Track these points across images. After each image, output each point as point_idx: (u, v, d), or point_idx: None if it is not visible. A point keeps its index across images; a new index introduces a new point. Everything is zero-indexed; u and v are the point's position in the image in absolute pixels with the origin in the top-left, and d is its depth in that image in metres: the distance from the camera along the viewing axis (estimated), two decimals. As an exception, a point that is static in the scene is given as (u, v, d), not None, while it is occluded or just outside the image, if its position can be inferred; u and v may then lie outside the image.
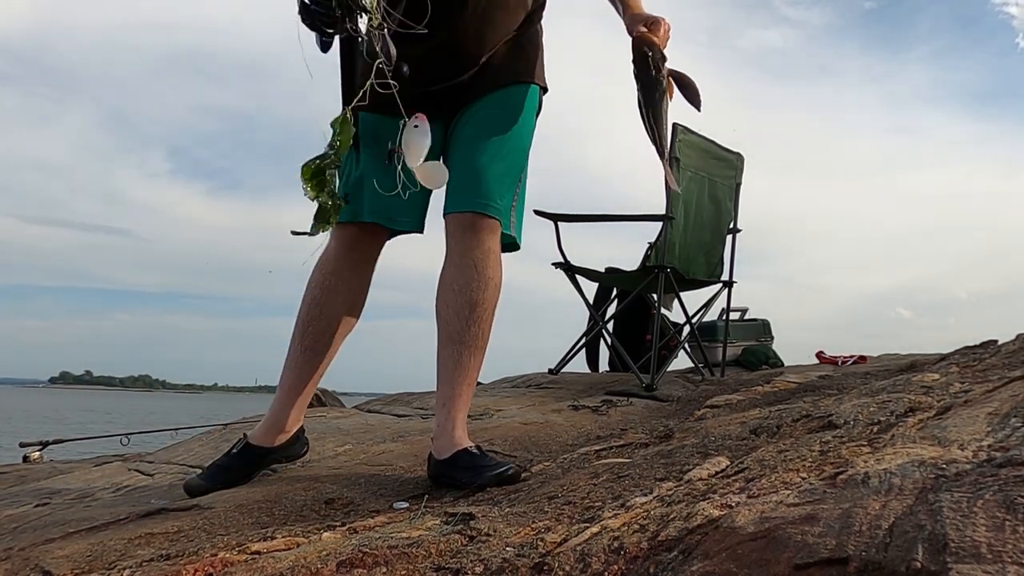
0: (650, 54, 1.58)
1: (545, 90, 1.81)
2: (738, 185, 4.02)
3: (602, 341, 4.54)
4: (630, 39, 1.63)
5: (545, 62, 1.81)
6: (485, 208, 1.67)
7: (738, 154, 4.03)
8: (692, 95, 1.67)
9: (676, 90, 1.64)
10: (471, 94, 1.70)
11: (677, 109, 1.67)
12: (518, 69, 1.73)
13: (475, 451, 1.61)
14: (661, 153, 1.65)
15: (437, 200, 1.76)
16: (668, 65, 1.61)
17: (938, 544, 0.58)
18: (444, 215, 1.71)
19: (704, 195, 3.76)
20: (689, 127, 3.71)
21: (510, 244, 1.77)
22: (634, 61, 1.60)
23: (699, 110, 1.69)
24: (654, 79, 1.58)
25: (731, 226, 3.98)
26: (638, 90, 1.63)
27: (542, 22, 1.81)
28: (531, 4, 1.75)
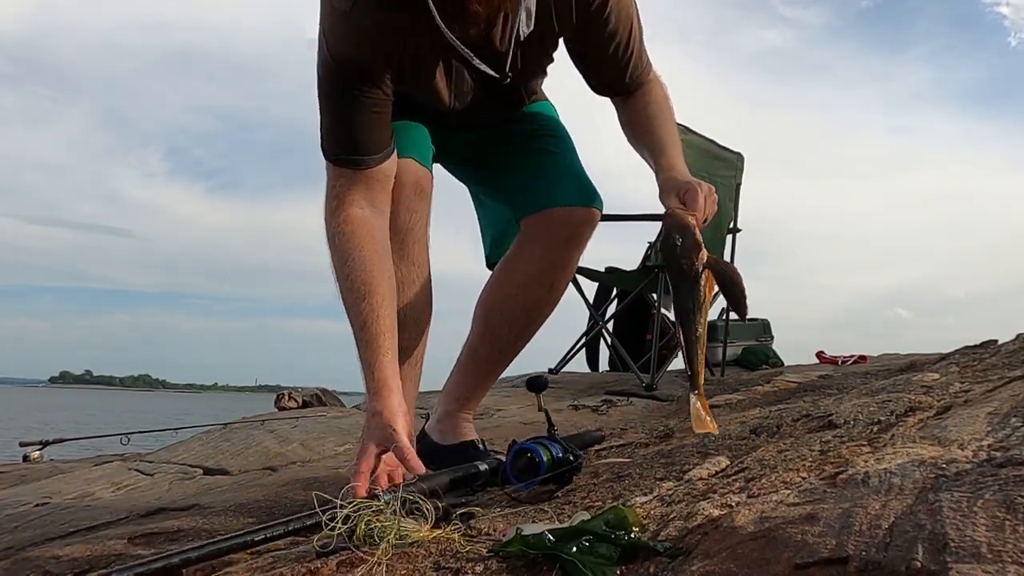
0: (679, 243, 1.17)
1: None
2: (738, 185, 4.02)
3: (602, 341, 4.53)
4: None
5: None
6: (595, 201, 1.56)
7: (738, 154, 4.03)
8: (736, 297, 1.23)
9: (716, 286, 1.22)
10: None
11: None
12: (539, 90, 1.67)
13: (480, 446, 1.60)
14: (692, 378, 1.20)
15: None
16: (705, 253, 1.19)
17: (938, 544, 0.58)
18: (535, 212, 1.54)
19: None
20: (688, 126, 3.70)
21: None
22: (661, 249, 1.22)
23: (742, 318, 1.27)
24: (686, 275, 1.18)
25: (731, 226, 3.98)
26: (669, 286, 1.25)
27: None
28: None
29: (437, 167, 1.56)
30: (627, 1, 1.38)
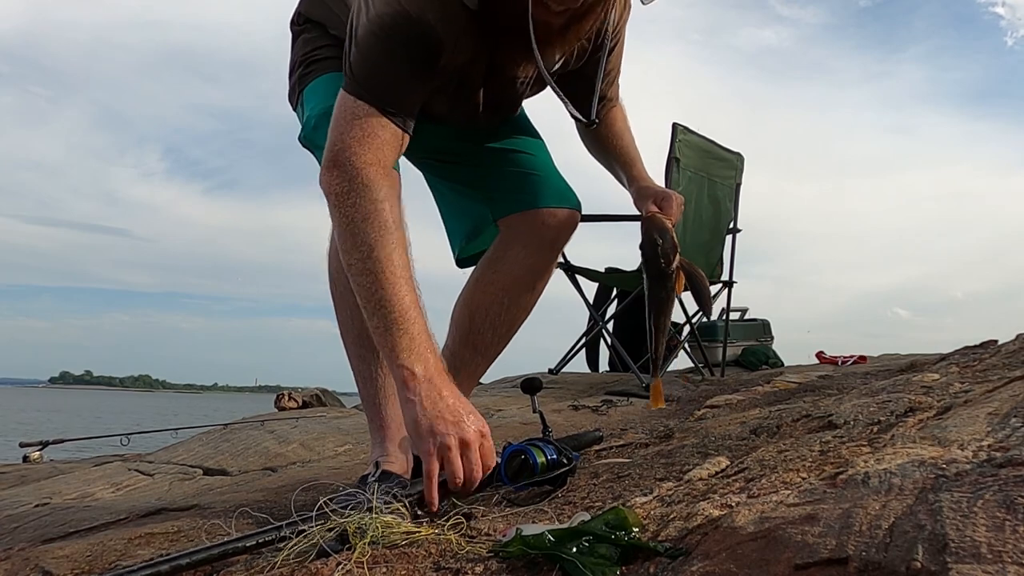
0: (660, 243, 1.38)
1: None
2: (738, 185, 4.02)
3: (602, 341, 4.54)
4: (640, 216, 1.46)
5: None
6: (576, 204, 1.60)
7: (738, 154, 4.03)
8: (702, 297, 1.51)
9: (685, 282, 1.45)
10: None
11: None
12: None
13: None
14: (654, 362, 1.45)
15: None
16: (678, 255, 1.40)
17: (938, 544, 0.58)
18: (516, 212, 1.56)
19: (704, 195, 3.77)
20: (689, 127, 3.71)
21: None
22: (642, 247, 1.40)
23: (708, 317, 1.63)
24: (662, 272, 1.38)
25: (731, 226, 3.98)
26: (645, 280, 1.44)
27: None
28: None
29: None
30: (623, 41, 1.47)
